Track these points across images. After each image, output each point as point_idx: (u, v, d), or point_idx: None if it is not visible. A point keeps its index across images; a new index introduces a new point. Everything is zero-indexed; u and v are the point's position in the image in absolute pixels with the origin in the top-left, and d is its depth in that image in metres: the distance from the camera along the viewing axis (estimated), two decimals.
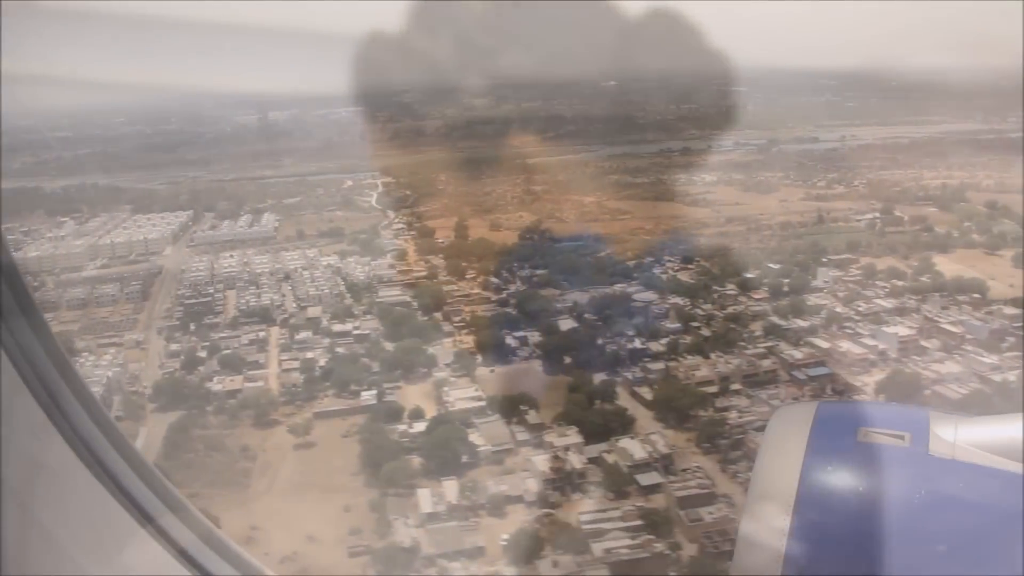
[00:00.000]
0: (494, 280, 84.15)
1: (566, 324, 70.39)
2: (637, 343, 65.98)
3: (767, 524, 2.46)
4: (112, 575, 3.74)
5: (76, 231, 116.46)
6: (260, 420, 61.07)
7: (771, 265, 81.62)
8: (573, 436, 52.52)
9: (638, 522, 39.46)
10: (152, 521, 3.98)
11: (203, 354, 72.16)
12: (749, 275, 78.89)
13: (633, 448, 49.74)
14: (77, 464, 3.82)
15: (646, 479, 42.94)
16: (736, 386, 58.67)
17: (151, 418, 64.16)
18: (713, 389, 58.08)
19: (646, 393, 58.10)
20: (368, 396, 62.21)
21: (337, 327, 74.66)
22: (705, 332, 67.34)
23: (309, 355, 70.20)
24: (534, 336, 69.39)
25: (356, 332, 72.79)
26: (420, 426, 56.14)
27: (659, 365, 61.99)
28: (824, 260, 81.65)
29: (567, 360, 64.90)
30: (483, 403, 58.80)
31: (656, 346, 65.52)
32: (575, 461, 49.74)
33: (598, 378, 61.17)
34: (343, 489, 51.93)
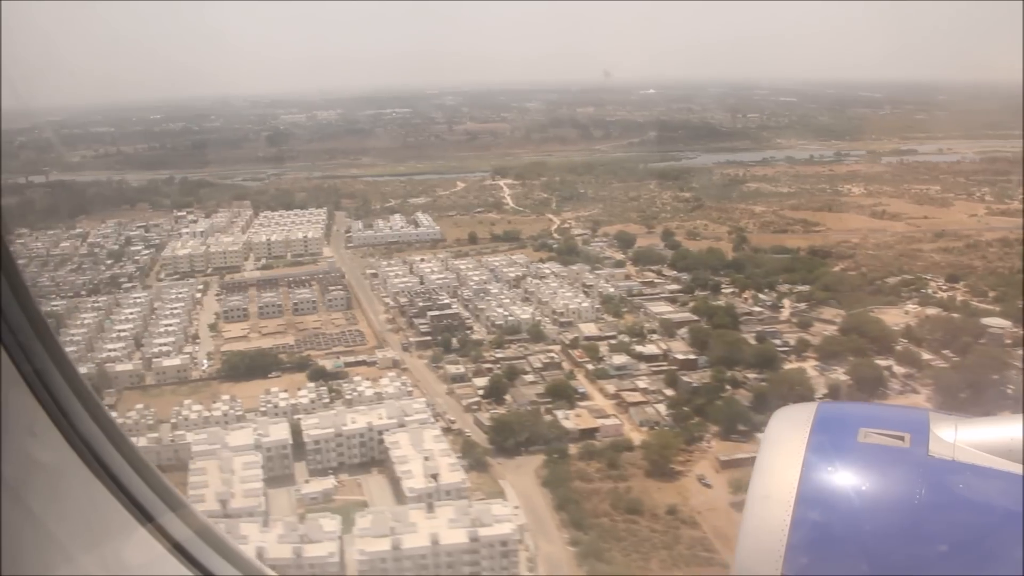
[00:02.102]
0: (762, 296, 70.98)
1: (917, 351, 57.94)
2: None
3: (767, 523, 2.30)
4: (112, 574, 3.51)
5: (210, 227, 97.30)
6: (656, 469, 46.42)
7: None
8: None
9: None
10: (152, 519, 3.68)
11: (505, 380, 56.65)
12: None
13: None
14: (76, 462, 3.55)
15: None
16: None
17: (496, 463, 48.67)
18: None
19: None
20: None
21: (643, 349, 60.25)
22: None
23: (642, 384, 55.75)
24: (891, 364, 56.73)
25: (680, 357, 58.49)
26: None
27: None
28: None
29: (962, 396, 52.41)
30: None
31: None
32: None
33: None
34: None
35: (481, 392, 55.77)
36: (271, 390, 56.29)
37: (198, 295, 77.48)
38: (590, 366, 58.56)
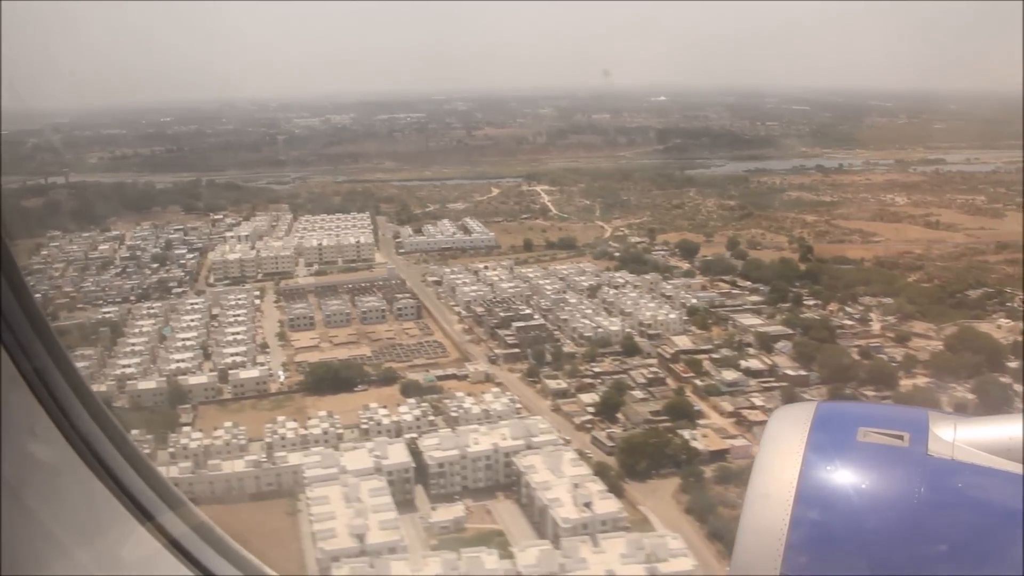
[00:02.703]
0: (848, 309, 68.54)
1: None
2: None
3: (766, 523, 2.25)
4: (112, 573, 3.46)
5: (254, 231, 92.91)
6: None
7: None
8: None
9: None
10: (152, 518, 3.64)
11: (615, 395, 53.39)
12: None
13: None
14: (76, 462, 3.52)
15: None
16: None
17: (626, 486, 45.39)
18: None
19: None
20: None
21: (748, 364, 57.42)
22: None
23: (757, 401, 52.84)
24: (1011, 382, 54.35)
25: (791, 373, 55.67)
26: None
27: None
28: None
29: None
30: None
31: None
32: None
33: None
34: None
35: (591, 409, 52.53)
36: (369, 406, 52.47)
37: (257, 301, 73.28)
38: (697, 381, 55.58)
